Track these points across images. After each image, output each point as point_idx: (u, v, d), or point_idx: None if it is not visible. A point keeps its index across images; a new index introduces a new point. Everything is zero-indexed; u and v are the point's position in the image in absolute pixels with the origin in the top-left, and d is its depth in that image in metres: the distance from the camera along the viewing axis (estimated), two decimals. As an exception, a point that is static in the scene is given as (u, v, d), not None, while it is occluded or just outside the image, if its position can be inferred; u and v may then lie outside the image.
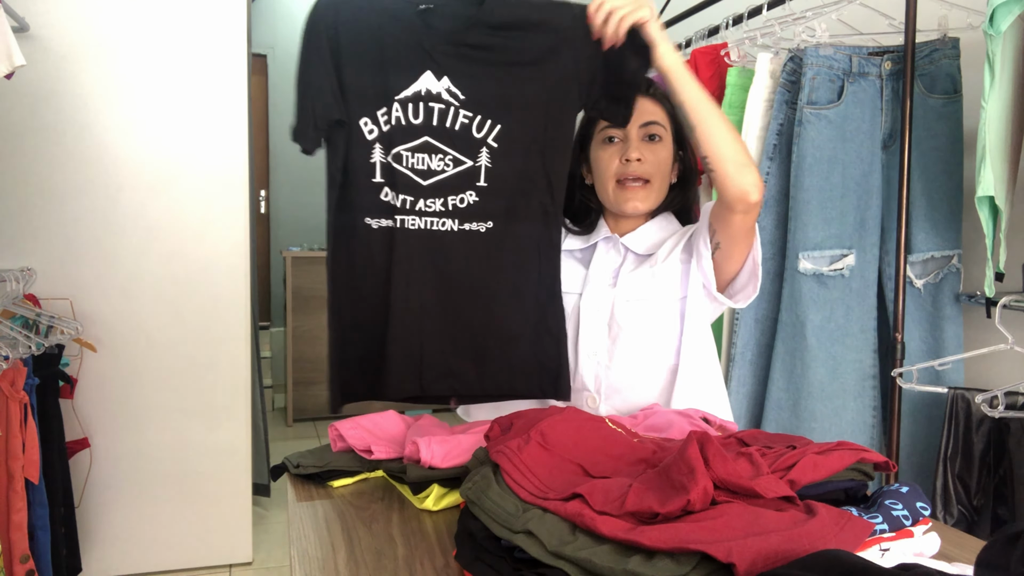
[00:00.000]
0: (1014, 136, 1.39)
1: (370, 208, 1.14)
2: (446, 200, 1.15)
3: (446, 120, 1.15)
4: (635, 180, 1.23)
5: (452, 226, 1.16)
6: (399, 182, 1.14)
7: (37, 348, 1.93)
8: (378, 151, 1.14)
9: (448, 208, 1.15)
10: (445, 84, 1.14)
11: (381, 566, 0.78)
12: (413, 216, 1.15)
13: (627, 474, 0.74)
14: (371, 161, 1.14)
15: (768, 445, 0.77)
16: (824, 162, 1.66)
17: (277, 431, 4.18)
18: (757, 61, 1.81)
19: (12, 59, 1.70)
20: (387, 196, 1.15)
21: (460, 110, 1.15)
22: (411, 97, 1.14)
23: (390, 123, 1.14)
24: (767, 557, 0.56)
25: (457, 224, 1.16)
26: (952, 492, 1.50)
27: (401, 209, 1.15)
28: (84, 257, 2.45)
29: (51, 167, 2.41)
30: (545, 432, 0.79)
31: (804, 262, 1.67)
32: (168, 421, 2.57)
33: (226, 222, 2.58)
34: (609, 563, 0.59)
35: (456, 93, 1.14)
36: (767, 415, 1.73)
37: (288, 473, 1.06)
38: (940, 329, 1.66)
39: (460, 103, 1.15)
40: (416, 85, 1.14)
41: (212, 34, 2.53)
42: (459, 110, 1.15)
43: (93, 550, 2.51)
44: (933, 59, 1.63)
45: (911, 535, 0.67)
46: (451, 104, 1.14)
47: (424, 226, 1.15)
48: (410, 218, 1.15)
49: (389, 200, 1.15)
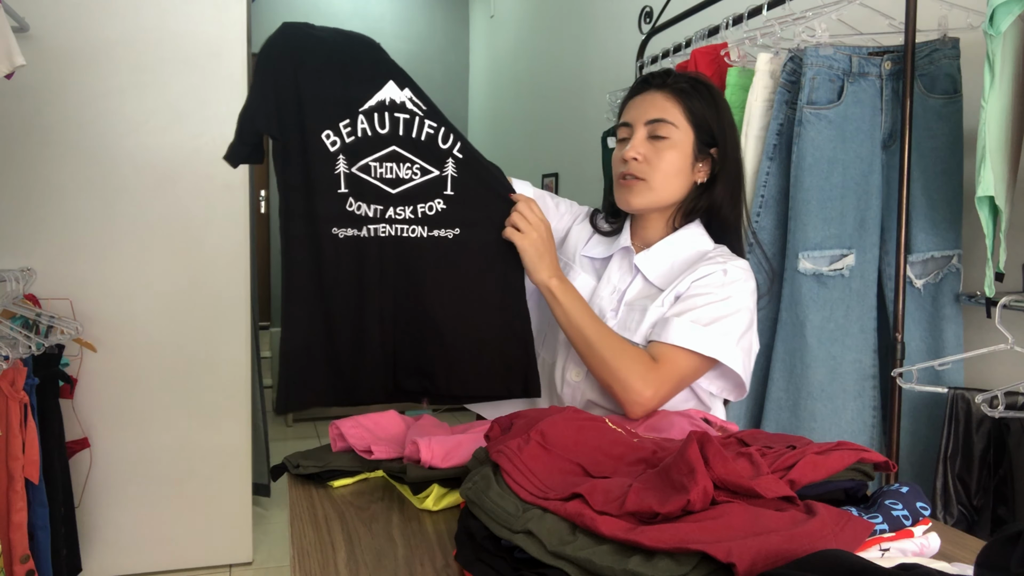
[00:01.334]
0: (1014, 136, 1.39)
1: (336, 218, 1.15)
2: (415, 208, 1.18)
3: (411, 130, 1.17)
4: (629, 177, 1.21)
5: (421, 232, 1.19)
6: (368, 192, 1.16)
7: (37, 348, 1.93)
8: (342, 163, 1.14)
9: (417, 215, 1.18)
10: (408, 94, 1.16)
11: (381, 566, 0.78)
12: (383, 224, 1.17)
13: (627, 474, 0.74)
14: (335, 173, 1.15)
15: (768, 445, 0.77)
16: (824, 162, 1.66)
17: (277, 431, 4.18)
18: (757, 61, 1.81)
19: (12, 59, 1.70)
20: (353, 207, 1.16)
21: (425, 120, 1.17)
22: (375, 107, 1.15)
23: (354, 134, 1.15)
24: (767, 557, 0.56)
25: (426, 231, 1.19)
26: (952, 492, 1.50)
27: (372, 219, 1.17)
28: (84, 257, 2.45)
29: (51, 167, 2.41)
30: (545, 432, 0.79)
31: (804, 262, 1.67)
32: (168, 421, 2.57)
33: (226, 222, 2.59)
34: (609, 563, 0.59)
35: (419, 104, 1.17)
36: (767, 415, 1.73)
37: (288, 473, 1.06)
38: (940, 329, 1.66)
39: (424, 113, 1.17)
40: (379, 95, 1.15)
41: (212, 34, 2.53)
42: (424, 120, 1.17)
43: (93, 550, 2.51)
44: (933, 59, 1.63)
45: (911, 535, 0.67)
46: (415, 114, 1.16)
47: (395, 233, 1.18)
48: (380, 226, 1.17)
49: (356, 210, 1.16)
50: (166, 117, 2.51)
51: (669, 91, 1.20)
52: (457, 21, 6.01)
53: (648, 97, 1.21)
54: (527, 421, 0.83)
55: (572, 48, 3.90)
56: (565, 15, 4.02)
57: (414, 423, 1.12)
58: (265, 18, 5.28)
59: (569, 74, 3.93)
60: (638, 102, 1.23)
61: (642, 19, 2.97)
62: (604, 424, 0.85)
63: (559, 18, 4.12)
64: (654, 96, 1.20)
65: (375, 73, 1.15)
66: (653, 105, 1.20)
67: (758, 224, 1.77)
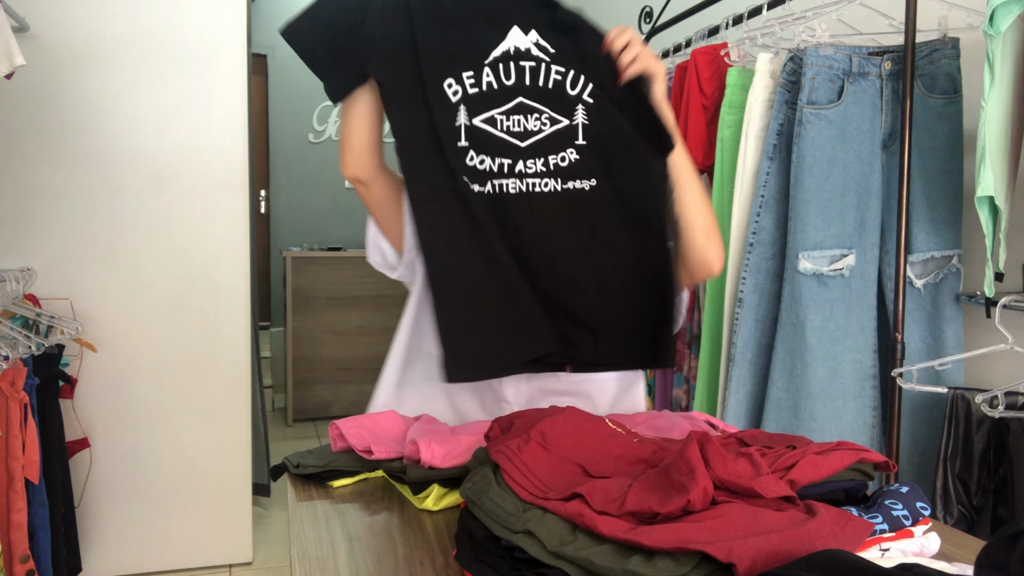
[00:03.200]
0: (1014, 136, 1.39)
1: (463, 172, 1.07)
2: (547, 160, 1.09)
3: (539, 78, 1.09)
4: None
5: (555, 186, 1.09)
6: (494, 145, 1.08)
7: (37, 348, 1.93)
8: (463, 114, 1.07)
9: (550, 168, 1.09)
10: (533, 38, 1.08)
11: (381, 566, 0.78)
12: (513, 179, 1.09)
13: (627, 474, 0.74)
14: (456, 124, 1.07)
15: (768, 445, 0.77)
16: (824, 162, 1.66)
17: (277, 431, 4.18)
18: (757, 61, 1.81)
19: (12, 59, 1.70)
20: (474, 160, 1.08)
21: (552, 66, 1.09)
22: (500, 57, 1.07)
23: (479, 86, 1.07)
24: (767, 557, 0.56)
25: (560, 184, 1.09)
26: (952, 492, 1.50)
27: (498, 173, 1.08)
28: (84, 257, 2.45)
29: (51, 167, 2.41)
30: (545, 432, 0.79)
31: (804, 262, 1.67)
32: (168, 421, 2.57)
33: (226, 222, 2.59)
34: (609, 563, 0.59)
35: (546, 47, 1.08)
36: (767, 415, 1.73)
37: (288, 473, 1.06)
38: (940, 329, 1.66)
39: (551, 57, 1.09)
40: (504, 43, 1.08)
41: (212, 34, 2.53)
42: (551, 66, 1.09)
43: (93, 550, 2.51)
44: (933, 59, 1.63)
45: (911, 535, 0.67)
46: (542, 60, 1.09)
47: (525, 188, 1.09)
48: (510, 181, 1.09)
49: (479, 165, 1.08)
50: (166, 117, 2.51)
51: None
52: (457, 21, 5.99)
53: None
54: (527, 421, 0.83)
55: (572, 48, 3.89)
56: (565, 15, 4.01)
57: (414, 423, 1.12)
58: (265, 18, 5.27)
59: (569, 74, 3.92)
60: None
61: (642, 19, 2.97)
62: (604, 424, 0.85)
63: (559, 18, 4.11)
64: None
65: (498, 18, 1.08)
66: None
67: (758, 224, 1.77)
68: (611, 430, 0.84)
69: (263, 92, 5.55)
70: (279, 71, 5.53)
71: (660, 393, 2.33)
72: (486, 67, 1.08)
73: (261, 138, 5.53)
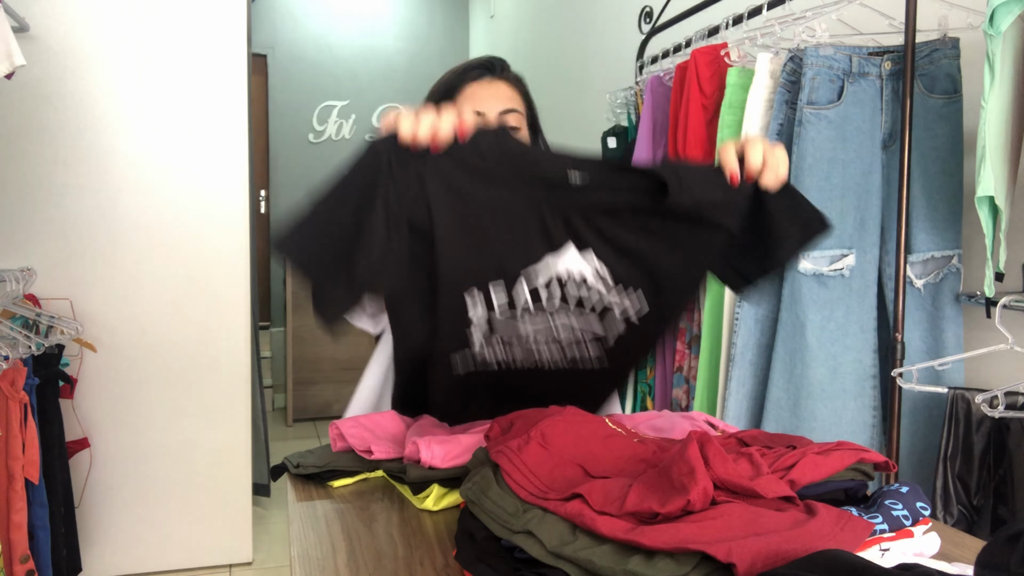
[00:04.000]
0: (1014, 136, 1.39)
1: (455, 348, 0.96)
2: (565, 355, 0.99)
3: (586, 305, 0.93)
4: None
5: (565, 366, 0.99)
6: (512, 356, 0.97)
7: (37, 348, 1.93)
8: (479, 328, 0.92)
9: (566, 358, 0.99)
10: (593, 263, 0.89)
11: (381, 566, 0.78)
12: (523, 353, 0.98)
13: (627, 474, 0.74)
14: (466, 331, 0.93)
15: (768, 445, 0.77)
16: (824, 162, 1.66)
17: (277, 431, 4.18)
18: (757, 61, 1.81)
19: (12, 59, 1.70)
20: (483, 350, 0.96)
21: (606, 296, 0.92)
22: (545, 280, 0.90)
23: (513, 304, 0.90)
24: (767, 557, 0.56)
25: (567, 361, 0.99)
26: (952, 492, 1.50)
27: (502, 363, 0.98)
28: (84, 257, 2.45)
29: (51, 167, 2.41)
30: (545, 432, 0.79)
31: (804, 262, 1.67)
32: (168, 421, 2.57)
33: (226, 222, 2.59)
34: (609, 563, 0.59)
35: (605, 277, 0.90)
36: (767, 415, 1.73)
37: (288, 473, 1.06)
38: (940, 329, 1.66)
39: (607, 287, 0.91)
40: (554, 263, 0.89)
41: (212, 34, 2.53)
42: (604, 297, 0.92)
43: (93, 550, 2.51)
44: (933, 59, 1.63)
45: (911, 535, 0.67)
46: (596, 290, 0.91)
47: (535, 367, 1.00)
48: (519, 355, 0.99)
49: (486, 357, 0.97)
50: (166, 117, 2.51)
51: (509, 81, 1.21)
52: (457, 21, 6.00)
53: (494, 85, 1.20)
54: (527, 421, 0.83)
55: (572, 48, 3.90)
56: (565, 15, 4.02)
57: (414, 423, 1.12)
58: (265, 18, 5.27)
59: (569, 74, 3.93)
60: (483, 89, 1.20)
61: (642, 19, 2.97)
62: (604, 424, 0.85)
63: (559, 18, 4.12)
64: (499, 85, 1.20)
65: (548, 226, 0.85)
66: (501, 94, 1.19)
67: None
68: (611, 430, 0.84)
69: (263, 92, 5.55)
70: (279, 71, 5.53)
71: (660, 393, 2.32)
72: (521, 280, 0.90)
73: (261, 138, 5.53)
